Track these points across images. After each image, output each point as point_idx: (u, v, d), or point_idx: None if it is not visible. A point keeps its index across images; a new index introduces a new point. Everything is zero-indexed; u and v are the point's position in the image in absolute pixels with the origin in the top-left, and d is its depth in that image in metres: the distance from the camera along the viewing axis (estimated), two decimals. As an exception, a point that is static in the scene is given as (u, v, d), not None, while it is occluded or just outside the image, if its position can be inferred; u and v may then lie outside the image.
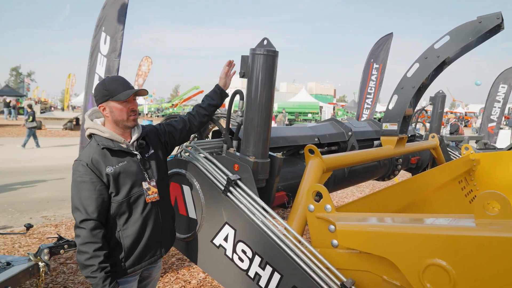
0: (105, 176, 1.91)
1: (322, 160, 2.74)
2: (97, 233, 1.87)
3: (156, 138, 2.20)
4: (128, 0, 5.27)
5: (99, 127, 2.01)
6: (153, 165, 2.11)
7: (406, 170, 5.66)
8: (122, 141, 2.01)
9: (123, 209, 1.96)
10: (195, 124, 2.37)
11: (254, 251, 2.17)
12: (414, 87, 3.83)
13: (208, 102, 2.43)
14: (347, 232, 1.85)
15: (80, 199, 1.89)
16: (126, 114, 1.99)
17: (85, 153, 1.98)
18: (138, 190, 2.00)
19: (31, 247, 4.85)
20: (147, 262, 2.10)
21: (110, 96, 1.96)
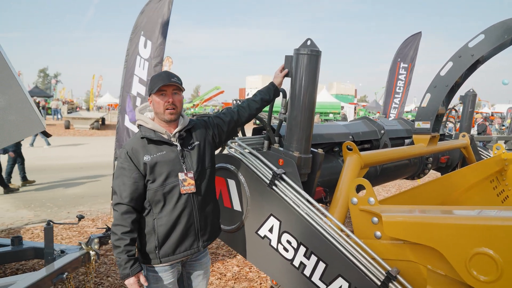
0: (142, 164, 2.02)
1: (360, 156, 2.83)
2: (127, 218, 1.99)
3: (203, 130, 2.26)
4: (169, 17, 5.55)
5: (144, 118, 2.13)
6: (193, 157, 2.15)
7: (435, 169, 5.64)
8: (163, 132, 2.10)
9: (157, 197, 2.04)
10: (245, 116, 2.44)
11: (299, 242, 2.28)
12: (447, 86, 3.86)
13: (261, 96, 2.50)
14: (393, 223, 1.94)
15: (118, 184, 2.04)
16: (162, 107, 2.07)
17: (129, 141, 2.14)
18: (173, 180, 2.06)
19: (72, 239, 5.11)
20: (182, 254, 2.13)
21: (151, 90, 2.09)
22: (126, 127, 6.06)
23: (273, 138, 2.64)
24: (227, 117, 2.38)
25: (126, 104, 5.96)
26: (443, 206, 2.38)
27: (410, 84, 9.42)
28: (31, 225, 5.66)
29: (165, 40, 5.70)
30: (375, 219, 2.16)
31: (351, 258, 2.09)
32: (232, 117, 2.39)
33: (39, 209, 6.61)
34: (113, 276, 4.01)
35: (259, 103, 2.49)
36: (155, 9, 5.71)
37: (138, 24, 5.94)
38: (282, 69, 2.54)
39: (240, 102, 3.63)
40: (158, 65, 5.78)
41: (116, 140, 6.10)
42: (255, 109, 2.48)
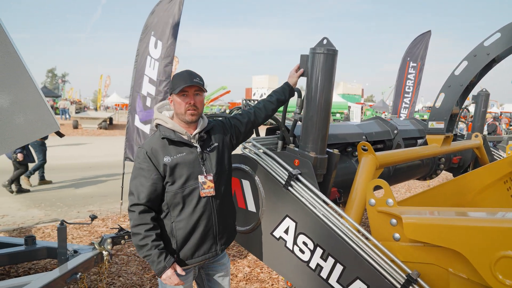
0: (162, 166, 1.97)
1: (375, 156, 2.79)
2: (145, 216, 1.94)
3: (221, 132, 2.21)
4: (180, 18, 5.55)
5: (164, 118, 2.08)
6: (213, 159, 2.10)
7: (447, 170, 5.56)
8: (183, 132, 2.05)
9: (176, 200, 1.99)
10: (262, 117, 2.41)
11: (315, 243, 2.25)
12: (462, 85, 3.80)
13: (277, 97, 2.47)
14: (414, 225, 1.90)
15: (135, 184, 1.98)
16: (183, 108, 2.02)
17: (148, 141, 2.06)
18: (193, 183, 2.01)
19: (83, 239, 5.12)
20: (201, 258, 2.09)
21: (173, 90, 2.04)
22: (136, 127, 6.06)
23: (288, 138, 2.61)
24: (244, 118, 2.34)
25: (136, 104, 5.97)
26: (464, 208, 2.34)
27: (420, 84, 9.33)
28: (42, 225, 5.69)
29: (176, 41, 5.70)
30: (394, 220, 2.12)
31: (370, 261, 2.05)
32: (249, 118, 2.35)
33: (49, 208, 6.64)
34: (124, 276, 4.01)
35: (275, 104, 2.46)
36: (166, 9, 5.71)
37: (148, 24, 5.94)
38: (298, 69, 2.51)
39: (249, 101, 3.60)
40: (168, 65, 5.79)
41: (126, 140, 6.11)
42: (271, 110, 2.45)
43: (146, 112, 5.95)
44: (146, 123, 5.98)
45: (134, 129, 6.05)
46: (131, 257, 4.47)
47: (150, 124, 5.92)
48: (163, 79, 5.76)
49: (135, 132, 6.05)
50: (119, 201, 6.45)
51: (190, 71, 2.07)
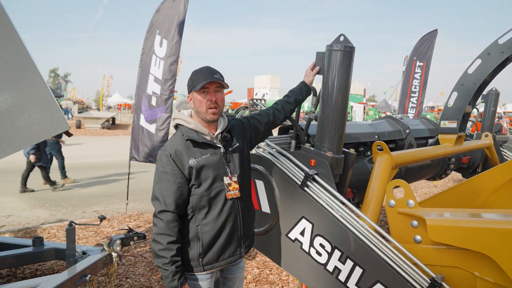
0: (187, 168, 1.88)
1: (391, 156, 2.73)
2: (173, 226, 1.86)
3: (241, 132, 2.14)
4: (185, 16, 5.50)
5: (185, 118, 1.99)
6: (236, 160, 2.04)
7: (456, 170, 5.49)
8: (206, 133, 1.96)
9: (202, 202, 1.92)
10: (280, 119, 2.35)
11: (333, 245, 2.19)
12: (475, 84, 3.73)
13: (295, 97, 2.40)
14: (439, 227, 1.84)
15: (160, 189, 1.89)
16: (205, 106, 1.93)
17: (170, 143, 1.96)
18: (219, 185, 1.95)
19: (88, 239, 5.06)
20: (225, 262, 2.03)
21: (192, 87, 1.94)
22: (141, 126, 6.01)
23: (303, 138, 2.55)
24: (264, 119, 2.27)
25: (141, 103, 5.91)
26: (489, 210, 2.27)
27: (426, 83, 9.26)
28: (47, 225, 5.64)
29: (181, 39, 5.65)
30: (415, 222, 2.06)
31: (391, 264, 1.99)
32: (268, 119, 2.29)
33: (54, 208, 6.60)
34: (132, 277, 3.95)
35: (292, 104, 2.39)
36: (171, 7, 5.65)
37: (153, 23, 5.89)
38: (313, 67, 2.45)
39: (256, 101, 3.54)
40: (173, 64, 5.73)
41: (131, 139, 6.05)
42: (289, 111, 2.39)
43: (152, 111, 5.90)
44: (152, 122, 5.93)
45: (139, 129, 6.00)
46: (138, 258, 4.42)
47: (155, 124, 5.87)
48: (168, 78, 5.71)
49: (140, 132, 5.99)
50: (125, 201, 6.41)
51: (210, 67, 1.99)
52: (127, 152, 6.28)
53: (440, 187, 9.05)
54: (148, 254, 4.56)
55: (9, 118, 2.19)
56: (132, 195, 6.98)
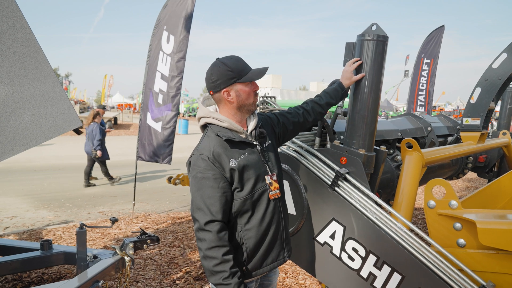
0: (229, 171, 1.71)
1: (421, 154, 2.57)
2: (223, 236, 1.67)
3: (270, 128, 1.99)
4: (193, 9, 5.32)
5: (217, 116, 1.80)
6: (272, 157, 1.89)
7: (472, 169, 5.35)
8: (241, 130, 1.80)
9: (246, 206, 1.75)
10: (309, 121, 2.16)
11: (368, 250, 2.04)
12: (500, 79, 3.58)
13: (327, 100, 2.19)
14: (491, 231, 1.68)
15: (202, 197, 1.69)
16: (253, 97, 1.79)
17: (204, 145, 1.76)
18: (262, 185, 1.79)
19: (95, 241, 4.91)
20: (269, 267, 1.86)
21: (237, 78, 1.74)
22: (148, 125, 5.85)
23: (331, 135, 2.40)
24: (294, 118, 2.09)
25: (148, 101, 5.76)
26: None
27: (434, 81, 9.11)
28: (52, 226, 5.49)
29: (188, 34, 5.48)
30: (458, 224, 1.91)
31: (435, 270, 1.84)
32: (298, 119, 2.10)
33: (59, 209, 6.44)
34: (142, 281, 3.80)
35: (324, 108, 2.19)
36: (179, 3, 5.50)
37: (161, 19, 5.74)
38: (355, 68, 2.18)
39: (266, 98, 3.36)
40: (181, 60, 5.57)
41: (138, 139, 5.90)
42: (319, 114, 2.19)
43: (158, 109, 5.74)
44: (158, 120, 5.77)
45: (146, 127, 5.85)
46: (148, 261, 4.27)
47: (161, 122, 5.71)
48: (175, 75, 5.55)
49: (147, 131, 5.84)
50: (130, 201, 6.26)
51: (237, 56, 1.83)
52: (129, 151, 6.17)
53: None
54: (158, 256, 4.41)
55: (18, 114, 2.04)
56: (137, 196, 6.84)
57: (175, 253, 4.54)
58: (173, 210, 6.59)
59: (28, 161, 10.96)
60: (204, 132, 1.87)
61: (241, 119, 1.84)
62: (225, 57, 1.82)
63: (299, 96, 53.31)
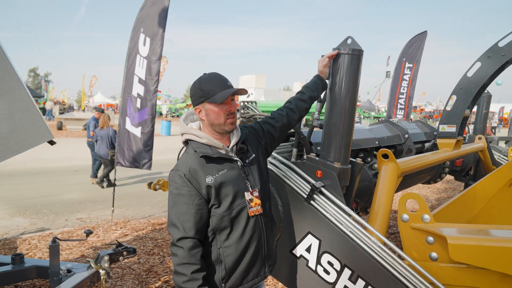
0: (205, 187, 1.72)
1: (397, 164, 2.60)
2: (195, 253, 1.68)
3: (255, 141, 1.98)
4: (169, 3, 5.22)
5: (196, 132, 1.81)
6: (254, 172, 1.88)
7: (449, 173, 5.46)
8: (221, 146, 1.80)
9: (224, 223, 1.75)
10: (295, 119, 2.13)
11: (343, 264, 2.04)
12: (475, 87, 3.67)
13: (310, 94, 2.17)
14: (462, 247, 1.71)
15: (177, 213, 1.71)
16: (223, 117, 1.77)
17: (182, 162, 1.79)
18: (241, 202, 1.78)
19: (73, 250, 4.80)
20: (249, 284, 1.85)
21: (205, 98, 1.76)
22: (127, 130, 5.76)
23: (307, 147, 2.40)
24: (278, 123, 2.08)
25: (127, 105, 5.67)
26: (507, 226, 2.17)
27: (415, 85, 9.27)
28: (27, 235, 5.34)
29: (164, 32, 5.35)
30: (431, 238, 1.93)
31: (407, 283, 1.85)
32: (283, 122, 2.09)
33: (35, 216, 6.28)
34: (120, 292, 3.74)
35: (307, 102, 2.18)
36: (154, 2, 5.39)
37: (138, 21, 5.65)
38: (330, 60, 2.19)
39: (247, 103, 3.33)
40: (156, 62, 5.48)
41: (117, 144, 5.80)
42: (305, 109, 2.18)
43: (137, 114, 5.66)
44: (137, 125, 5.69)
45: (125, 133, 5.75)
46: (126, 270, 4.20)
47: (141, 127, 5.64)
48: (151, 78, 5.47)
49: (126, 136, 5.75)
50: (110, 207, 6.15)
51: (218, 74, 1.81)
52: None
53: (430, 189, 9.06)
54: (136, 265, 4.34)
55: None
56: (117, 201, 6.73)
57: (155, 261, 4.48)
58: (153, 215, 6.51)
59: (2, 165, 10.65)
60: (185, 148, 1.88)
61: (221, 135, 1.84)
62: (206, 74, 1.83)
63: (282, 96, 53.46)
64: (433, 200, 8.16)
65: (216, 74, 1.81)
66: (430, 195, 8.65)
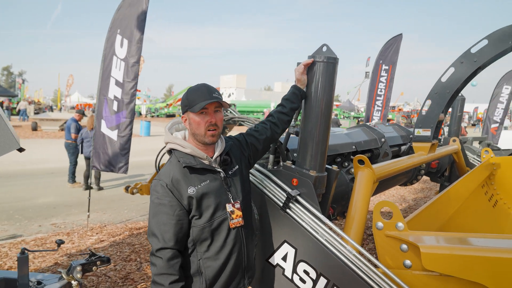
0: (186, 198, 1.71)
1: (373, 170, 2.62)
2: (174, 264, 1.68)
3: (239, 152, 1.98)
4: (148, 6, 5.13)
5: (180, 142, 1.81)
6: (237, 184, 1.88)
7: (425, 174, 5.57)
8: (204, 157, 1.79)
9: (204, 234, 1.75)
10: (278, 133, 2.16)
11: (318, 272, 2.04)
12: (449, 92, 3.74)
13: (290, 106, 2.17)
14: (434, 256, 1.73)
15: (157, 223, 1.70)
16: (203, 128, 1.75)
17: (165, 171, 1.78)
18: (222, 214, 1.78)
19: (45, 258, 4.66)
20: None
21: (189, 107, 1.76)
22: (103, 133, 5.64)
23: (283, 154, 2.38)
24: (261, 135, 2.08)
25: (103, 108, 5.54)
26: (482, 234, 2.21)
27: (392, 87, 9.42)
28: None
29: (143, 36, 5.28)
30: (405, 246, 1.95)
31: (381, 293, 1.86)
32: (267, 135, 2.10)
33: (7, 222, 6.06)
34: (94, 301, 3.64)
35: (289, 114, 2.19)
36: (131, 4, 5.30)
37: (114, 21, 5.53)
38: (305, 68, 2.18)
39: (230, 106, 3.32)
40: (135, 65, 5.39)
41: (93, 147, 5.66)
42: (286, 121, 2.19)
43: (113, 117, 5.54)
44: (113, 129, 5.57)
45: (101, 136, 5.62)
46: (101, 278, 4.10)
47: (117, 130, 5.52)
48: (129, 80, 5.37)
49: (101, 139, 5.62)
50: (86, 212, 6.00)
51: (207, 84, 1.81)
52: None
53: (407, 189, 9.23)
54: (112, 272, 4.24)
55: None
56: (93, 205, 6.59)
57: (131, 267, 4.39)
58: (131, 219, 6.39)
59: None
60: (169, 158, 1.87)
61: (205, 146, 1.82)
62: (195, 85, 1.83)
63: (263, 96, 53.62)
64: (410, 201, 8.32)
65: (204, 84, 1.82)
66: (408, 195, 8.81)
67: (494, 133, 12.65)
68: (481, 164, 4.79)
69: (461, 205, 3.88)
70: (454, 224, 3.41)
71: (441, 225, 3.11)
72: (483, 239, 1.96)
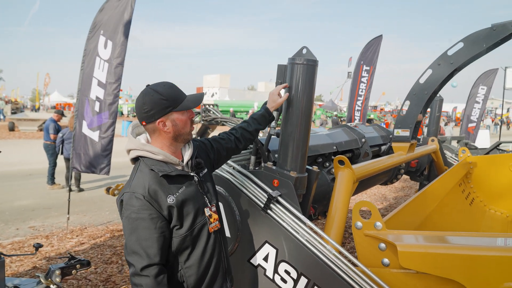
0: (167, 208, 1.59)
1: (353, 171, 2.67)
2: (161, 279, 1.56)
3: (205, 155, 1.91)
4: (131, 17, 5.13)
5: (150, 148, 1.66)
6: (209, 187, 1.82)
7: (405, 173, 5.68)
8: (177, 162, 1.69)
9: (186, 243, 1.66)
10: (240, 148, 2.13)
11: (299, 272, 2.07)
12: (427, 93, 3.83)
13: (255, 127, 2.19)
14: (410, 254, 1.77)
15: (138, 240, 1.55)
16: (189, 125, 1.70)
17: (138, 182, 1.62)
18: (201, 219, 1.70)
19: (23, 261, 4.55)
20: None
21: (173, 107, 1.64)
22: (84, 134, 5.55)
23: (264, 156, 2.40)
24: (227, 144, 2.06)
25: (84, 109, 5.45)
26: (459, 233, 2.27)
27: (371, 87, 9.57)
28: (-27, 247, 5.01)
29: (127, 40, 5.28)
30: (383, 245, 1.99)
31: (360, 291, 1.90)
32: (231, 145, 2.08)
33: (-17, 226, 5.90)
34: (75, 304, 3.59)
35: (253, 134, 2.19)
36: (116, 7, 5.26)
37: (97, 22, 5.45)
38: (280, 91, 2.22)
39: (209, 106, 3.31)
40: (119, 66, 5.34)
41: (72, 149, 5.56)
42: (249, 140, 2.18)
43: (95, 118, 5.46)
44: (94, 129, 5.49)
45: (82, 137, 5.53)
46: (81, 281, 4.03)
47: (98, 131, 5.44)
48: (113, 82, 5.31)
49: (82, 140, 5.53)
50: (65, 214, 5.89)
51: (169, 82, 1.73)
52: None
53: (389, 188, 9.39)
54: (93, 275, 4.18)
55: None
56: (73, 207, 6.47)
57: (113, 270, 4.33)
58: (112, 221, 6.30)
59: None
60: (135, 166, 1.72)
61: (176, 149, 1.74)
62: (157, 84, 1.70)
63: (247, 96, 53.60)
64: (391, 199, 8.47)
65: (169, 83, 1.72)
66: (389, 194, 8.97)
67: (471, 132, 13.03)
68: (458, 163, 4.92)
69: (438, 203, 3.97)
70: (432, 222, 3.50)
71: (420, 223, 3.19)
72: (458, 237, 2.02)
